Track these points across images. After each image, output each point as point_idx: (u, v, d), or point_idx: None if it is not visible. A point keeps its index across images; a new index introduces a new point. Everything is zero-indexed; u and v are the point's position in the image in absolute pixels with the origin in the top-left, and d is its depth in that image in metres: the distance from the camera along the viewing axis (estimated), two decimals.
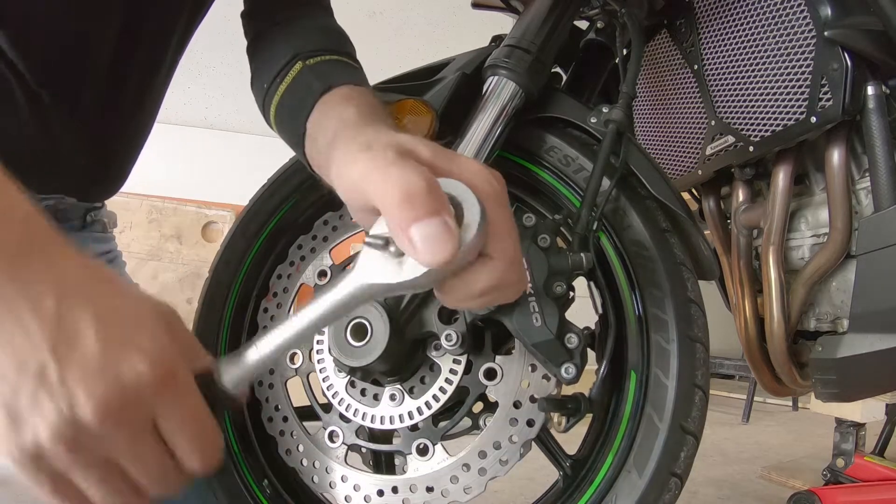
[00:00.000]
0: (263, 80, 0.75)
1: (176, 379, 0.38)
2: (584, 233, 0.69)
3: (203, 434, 0.39)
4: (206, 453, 0.39)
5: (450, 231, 0.37)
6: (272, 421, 0.82)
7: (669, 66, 1.06)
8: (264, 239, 0.90)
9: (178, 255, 2.89)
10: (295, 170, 0.89)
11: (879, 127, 0.79)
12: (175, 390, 0.37)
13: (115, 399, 0.35)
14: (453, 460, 0.72)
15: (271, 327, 0.42)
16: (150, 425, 0.37)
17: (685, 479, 0.68)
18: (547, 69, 0.80)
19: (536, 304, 0.64)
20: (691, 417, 0.69)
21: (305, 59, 0.70)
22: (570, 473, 0.75)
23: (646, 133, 1.13)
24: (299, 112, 0.67)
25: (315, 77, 0.68)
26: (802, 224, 0.95)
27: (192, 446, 0.39)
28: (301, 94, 0.68)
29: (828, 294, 0.91)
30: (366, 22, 3.16)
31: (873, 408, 1.85)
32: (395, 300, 0.66)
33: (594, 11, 0.94)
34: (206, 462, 0.39)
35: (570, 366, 0.63)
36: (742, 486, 1.91)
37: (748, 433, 2.90)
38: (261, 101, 0.77)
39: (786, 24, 0.86)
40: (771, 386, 1.05)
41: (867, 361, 0.82)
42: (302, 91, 0.68)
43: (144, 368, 0.36)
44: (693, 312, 0.72)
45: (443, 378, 0.71)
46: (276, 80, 0.72)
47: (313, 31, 0.77)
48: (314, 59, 0.70)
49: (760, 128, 0.90)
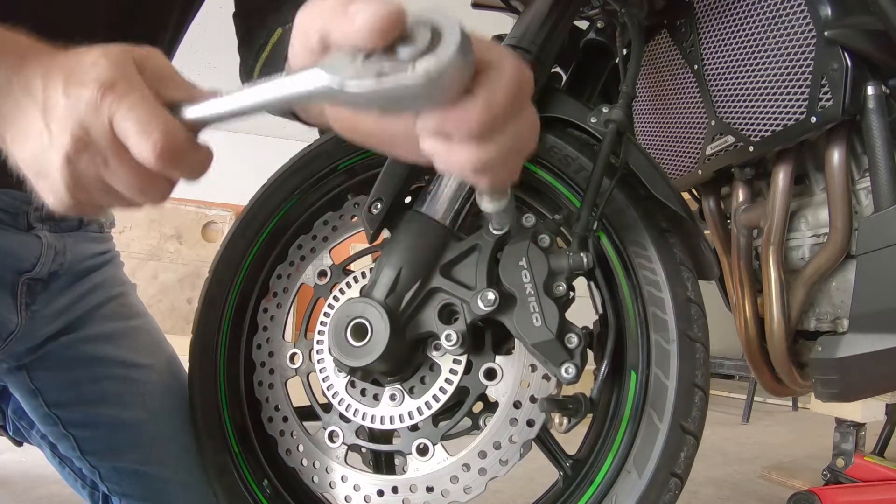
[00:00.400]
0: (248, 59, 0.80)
1: (115, 86, 0.42)
2: (584, 233, 0.69)
3: (149, 121, 0.42)
4: (155, 138, 0.41)
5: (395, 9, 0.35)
6: (272, 421, 0.82)
7: (669, 66, 1.06)
8: (264, 239, 0.90)
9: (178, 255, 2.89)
10: (295, 170, 0.89)
11: (879, 127, 0.79)
12: (115, 93, 0.42)
13: (76, 128, 0.42)
14: (453, 460, 0.72)
15: (227, 91, 0.44)
16: (110, 136, 0.42)
17: (685, 479, 0.68)
18: (547, 69, 0.80)
19: (536, 304, 0.64)
20: (691, 417, 0.69)
21: (284, 24, 0.75)
22: (570, 473, 0.75)
23: (646, 133, 1.13)
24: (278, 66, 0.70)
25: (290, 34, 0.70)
26: (802, 224, 0.95)
27: (138, 135, 0.42)
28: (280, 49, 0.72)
29: (828, 294, 0.91)
30: None
31: (873, 408, 1.85)
32: (395, 301, 0.66)
33: (594, 11, 0.94)
34: (157, 148, 0.41)
35: (570, 366, 0.63)
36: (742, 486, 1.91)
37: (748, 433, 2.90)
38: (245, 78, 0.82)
39: (786, 24, 0.86)
40: (771, 386, 1.05)
41: (867, 361, 0.82)
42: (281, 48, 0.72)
43: (89, 91, 0.42)
44: (693, 312, 0.72)
45: (443, 378, 0.71)
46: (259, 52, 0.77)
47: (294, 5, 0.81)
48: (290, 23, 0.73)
49: (760, 128, 0.90)
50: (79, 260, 0.89)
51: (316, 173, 0.89)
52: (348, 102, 0.37)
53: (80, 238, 0.90)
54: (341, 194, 0.90)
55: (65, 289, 0.88)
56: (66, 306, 0.88)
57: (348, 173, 0.89)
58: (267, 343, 0.85)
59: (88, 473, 0.90)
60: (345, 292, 0.78)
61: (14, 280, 0.81)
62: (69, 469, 0.93)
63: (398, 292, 0.66)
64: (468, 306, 0.66)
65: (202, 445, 0.84)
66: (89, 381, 0.88)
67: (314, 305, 0.83)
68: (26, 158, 0.46)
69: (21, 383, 0.87)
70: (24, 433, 0.96)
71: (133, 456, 0.87)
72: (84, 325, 0.89)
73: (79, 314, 0.89)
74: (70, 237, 0.87)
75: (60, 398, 0.87)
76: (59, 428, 0.88)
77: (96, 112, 0.42)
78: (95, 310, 0.91)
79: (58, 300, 0.87)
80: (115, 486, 0.88)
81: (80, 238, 0.90)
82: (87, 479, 0.91)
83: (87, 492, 0.92)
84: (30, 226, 0.82)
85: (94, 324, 0.90)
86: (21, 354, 0.85)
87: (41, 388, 0.87)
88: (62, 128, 0.43)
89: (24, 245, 0.81)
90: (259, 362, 0.84)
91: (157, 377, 0.92)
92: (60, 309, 0.87)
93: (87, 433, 0.87)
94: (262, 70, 0.76)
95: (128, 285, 0.99)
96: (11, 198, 0.79)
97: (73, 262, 0.88)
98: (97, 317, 0.91)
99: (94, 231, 0.93)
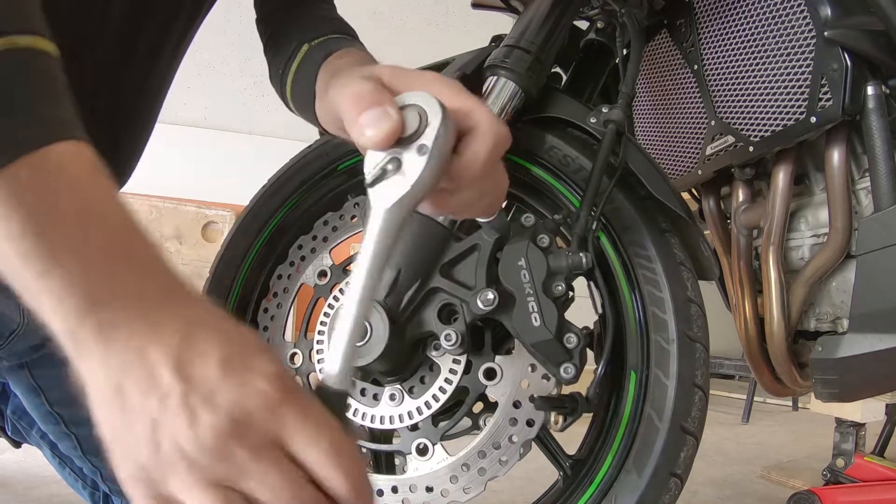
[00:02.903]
0: (278, 68, 0.83)
1: (297, 395, 0.35)
2: (583, 233, 0.69)
3: (340, 449, 0.35)
4: (351, 474, 0.35)
5: (388, 114, 0.43)
6: None
7: (669, 66, 1.06)
8: (265, 239, 0.90)
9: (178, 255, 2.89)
10: (295, 170, 0.89)
11: (879, 127, 0.79)
12: (298, 404, 0.35)
13: (237, 416, 0.34)
14: (453, 460, 0.72)
15: (337, 307, 0.44)
16: (276, 444, 0.34)
17: (685, 479, 0.68)
18: (546, 69, 0.80)
19: (536, 304, 0.64)
20: (691, 417, 0.69)
21: (310, 42, 0.79)
22: (570, 473, 0.75)
23: (646, 133, 1.13)
24: (308, 83, 0.75)
25: (318, 52, 0.77)
26: (802, 224, 0.95)
27: (330, 463, 0.35)
28: (308, 67, 0.76)
29: (828, 294, 0.91)
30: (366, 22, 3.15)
31: (873, 408, 1.85)
32: (395, 300, 0.66)
33: (594, 11, 0.94)
34: (352, 484, 0.35)
35: (569, 366, 0.63)
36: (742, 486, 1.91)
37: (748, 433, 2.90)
38: (278, 87, 0.85)
39: (786, 24, 0.86)
40: (771, 386, 1.05)
41: (867, 361, 0.82)
42: (308, 65, 0.76)
43: (266, 387, 0.34)
44: (693, 312, 0.72)
45: (442, 378, 0.71)
46: (287, 64, 0.80)
47: (317, 20, 0.85)
48: (318, 40, 0.79)
49: (760, 128, 0.90)
50: None
51: (316, 174, 0.89)
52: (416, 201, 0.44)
53: None
54: (341, 194, 0.90)
55: None
56: None
57: (348, 174, 0.89)
58: (267, 343, 0.85)
59: (89, 473, 0.90)
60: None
61: None
62: (69, 469, 0.93)
63: (398, 292, 0.66)
64: (468, 306, 0.66)
65: None
66: None
67: (314, 305, 0.83)
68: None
69: (23, 381, 0.87)
70: (23, 433, 0.96)
71: None
72: None
73: None
74: None
75: (63, 396, 0.87)
76: (60, 427, 0.88)
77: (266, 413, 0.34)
78: None
79: None
80: (117, 485, 0.88)
81: None
82: (87, 478, 0.91)
83: (87, 492, 0.92)
84: None
85: None
86: (23, 353, 0.85)
87: (43, 386, 0.87)
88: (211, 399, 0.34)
89: None
90: None
91: None
92: None
93: (88, 432, 0.87)
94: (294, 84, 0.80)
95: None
96: None
97: None
98: None
99: None
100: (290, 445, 0.34)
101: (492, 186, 0.49)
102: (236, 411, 0.34)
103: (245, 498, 0.34)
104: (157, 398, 0.34)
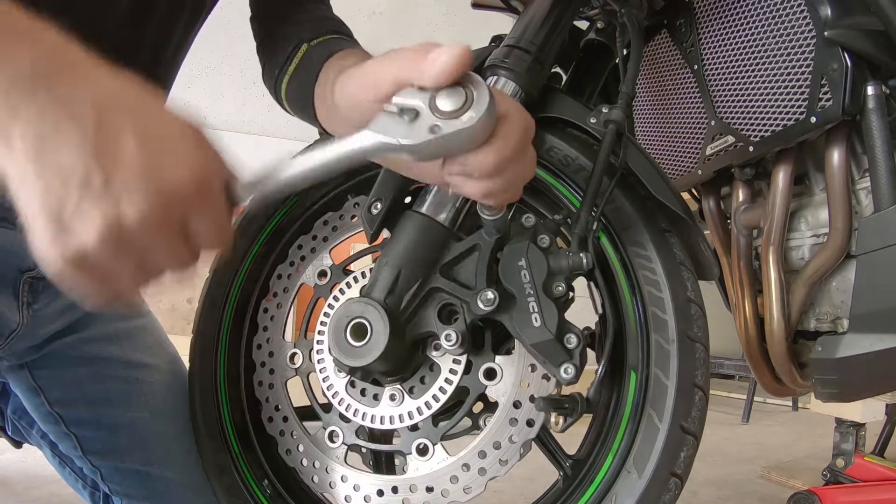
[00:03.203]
0: (274, 68, 0.83)
1: (211, 186, 0.41)
2: (583, 233, 0.69)
3: (223, 234, 0.43)
4: (224, 239, 0.44)
5: (461, 47, 0.43)
6: (272, 421, 0.82)
7: (669, 66, 1.06)
8: (264, 239, 0.90)
9: None
10: None
11: (879, 127, 0.79)
12: (209, 196, 0.40)
13: (157, 204, 0.37)
14: (453, 460, 0.72)
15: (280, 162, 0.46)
16: (183, 225, 0.40)
17: (685, 479, 0.68)
18: (546, 69, 0.80)
19: (536, 304, 0.64)
20: (691, 417, 0.69)
21: (310, 42, 0.79)
22: (570, 473, 0.75)
23: (646, 133, 1.13)
24: (307, 83, 0.75)
25: (318, 52, 0.77)
26: (802, 224, 0.95)
27: (212, 243, 0.43)
28: (307, 67, 0.76)
29: (828, 294, 0.91)
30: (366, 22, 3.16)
31: (873, 408, 1.85)
32: (395, 301, 0.66)
33: (594, 11, 0.94)
34: (222, 245, 0.44)
35: (569, 366, 0.63)
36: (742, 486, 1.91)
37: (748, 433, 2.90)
38: (272, 86, 0.85)
39: (786, 25, 0.86)
40: (771, 386, 1.05)
41: (867, 361, 0.82)
42: (307, 65, 0.77)
43: (184, 175, 0.38)
44: (693, 312, 0.72)
45: (443, 378, 0.71)
46: (285, 64, 0.80)
47: (314, 21, 0.85)
48: (317, 41, 0.79)
49: (760, 128, 0.90)
50: None
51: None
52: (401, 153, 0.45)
53: None
54: (341, 194, 0.90)
55: None
56: (68, 305, 0.88)
57: (348, 174, 0.89)
58: (267, 343, 0.85)
59: (90, 473, 0.90)
60: (345, 292, 0.78)
61: (16, 278, 0.81)
62: (69, 469, 0.93)
63: (398, 292, 0.66)
64: (468, 306, 0.66)
65: (202, 445, 0.84)
66: (92, 381, 0.88)
67: (314, 305, 0.83)
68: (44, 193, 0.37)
69: (23, 381, 0.87)
70: (23, 433, 0.96)
71: (136, 456, 0.87)
72: (87, 325, 0.89)
73: (81, 314, 0.89)
74: None
75: (63, 397, 0.87)
76: (61, 427, 0.88)
77: (180, 204, 0.39)
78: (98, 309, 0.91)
79: (60, 299, 0.86)
80: (117, 486, 0.88)
81: None
82: (87, 479, 0.91)
83: (87, 492, 0.92)
84: None
85: (98, 324, 0.90)
86: (23, 353, 0.85)
87: (43, 386, 0.87)
88: (129, 196, 0.37)
89: (25, 243, 0.81)
90: (259, 362, 0.85)
91: (160, 377, 0.92)
92: (63, 308, 0.87)
93: (89, 433, 0.87)
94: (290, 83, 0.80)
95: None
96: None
97: None
98: (100, 316, 0.91)
99: None
100: (190, 226, 0.41)
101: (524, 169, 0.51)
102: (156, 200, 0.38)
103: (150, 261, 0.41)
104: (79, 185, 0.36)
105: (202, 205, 0.41)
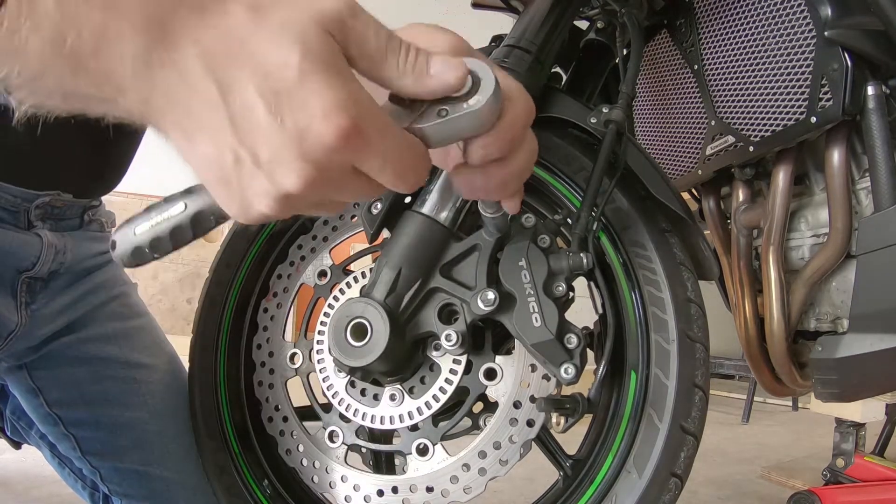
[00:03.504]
0: None
1: (360, 129, 0.35)
2: (583, 233, 0.69)
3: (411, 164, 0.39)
4: (414, 182, 0.40)
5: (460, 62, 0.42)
6: (272, 421, 0.82)
7: (669, 66, 1.06)
8: (264, 239, 0.90)
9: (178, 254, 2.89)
10: None
11: (879, 127, 0.79)
12: (363, 141, 0.36)
13: (309, 172, 0.35)
14: (453, 460, 0.72)
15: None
16: (351, 171, 0.38)
17: (685, 479, 0.68)
18: (546, 69, 0.80)
19: (536, 304, 0.64)
20: (691, 417, 0.69)
21: None
22: (570, 474, 0.75)
23: (646, 133, 1.13)
24: None
25: None
26: (802, 224, 0.95)
27: (393, 181, 0.39)
28: None
29: (828, 294, 0.91)
30: None
31: (873, 408, 1.85)
32: (395, 301, 0.66)
33: (594, 11, 0.94)
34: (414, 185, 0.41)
35: (569, 366, 0.63)
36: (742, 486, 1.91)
37: (748, 433, 2.90)
38: None
39: (786, 24, 0.86)
40: (771, 386, 1.05)
41: (867, 361, 0.82)
42: None
43: (323, 133, 0.34)
44: (693, 312, 0.72)
45: (443, 378, 0.71)
46: None
47: None
48: None
49: (760, 128, 0.90)
50: (80, 259, 0.89)
51: None
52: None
53: (81, 237, 0.89)
54: None
55: (65, 288, 0.88)
56: (66, 306, 0.88)
57: None
58: (267, 343, 0.85)
59: (89, 474, 0.90)
60: (345, 292, 0.78)
61: (14, 279, 0.81)
62: (69, 469, 0.93)
63: (398, 292, 0.66)
64: (468, 306, 0.66)
65: (202, 445, 0.84)
66: (91, 381, 0.88)
67: (314, 305, 0.83)
68: (204, 158, 0.37)
69: (22, 382, 0.87)
70: (22, 433, 0.96)
71: (135, 456, 0.87)
72: (85, 325, 0.89)
73: (80, 314, 0.89)
74: (71, 236, 0.87)
75: (62, 398, 0.87)
76: (59, 428, 0.88)
77: (339, 156, 0.35)
78: (97, 310, 0.91)
79: (58, 300, 0.87)
80: (117, 486, 0.88)
81: (81, 237, 0.89)
82: (87, 479, 0.91)
83: (87, 492, 0.92)
84: (30, 224, 0.82)
85: (96, 324, 0.90)
86: (21, 353, 0.85)
87: (42, 387, 0.87)
88: (281, 169, 0.35)
89: (24, 243, 0.81)
90: (259, 362, 0.84)
91: (158, 377, 0.92)
92: (61, 308, 0.87)
93: (88, 433, 0.87)
94: None
95: (129, 285, 0.99)
96: (12, 195, 0.79)
97: (73, 262, 0.88)
98: (98, 317, 0.91)
99: (96, 230, 0.93)
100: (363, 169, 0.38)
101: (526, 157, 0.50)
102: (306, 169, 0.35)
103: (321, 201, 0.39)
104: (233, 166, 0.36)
105: (359, 151, 0.36)
